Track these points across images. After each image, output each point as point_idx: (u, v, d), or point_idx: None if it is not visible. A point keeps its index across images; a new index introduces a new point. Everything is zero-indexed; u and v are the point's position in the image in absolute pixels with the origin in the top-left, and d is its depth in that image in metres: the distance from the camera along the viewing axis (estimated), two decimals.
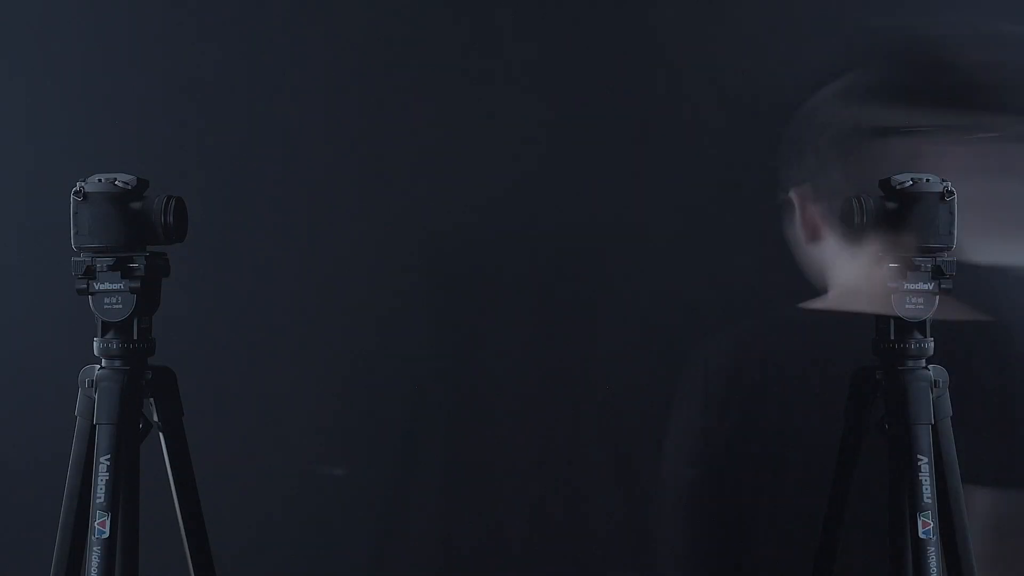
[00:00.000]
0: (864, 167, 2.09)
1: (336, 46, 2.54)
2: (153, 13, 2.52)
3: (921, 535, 1.86)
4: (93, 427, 1.89)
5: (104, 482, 1.85)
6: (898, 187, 1.91)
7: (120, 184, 1.88)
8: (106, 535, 1.83)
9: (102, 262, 1.89)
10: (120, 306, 1.89)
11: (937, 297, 1.92)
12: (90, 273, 1.89)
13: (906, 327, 1.94)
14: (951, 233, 1.91)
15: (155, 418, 1.96)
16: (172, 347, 2.02)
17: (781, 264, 2.53)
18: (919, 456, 1.88)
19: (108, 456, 1.86)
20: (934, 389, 1.93)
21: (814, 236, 2.27)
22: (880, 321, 1.97)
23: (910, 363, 1.94)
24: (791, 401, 2.52)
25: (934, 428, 1.92)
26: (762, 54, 2.54)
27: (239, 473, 2.53)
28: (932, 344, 1.95)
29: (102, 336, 1.93)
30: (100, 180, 1.89)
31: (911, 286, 1.91)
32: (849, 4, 2.55)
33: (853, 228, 1.94)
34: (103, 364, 1.93)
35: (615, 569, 2.55)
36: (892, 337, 1.95)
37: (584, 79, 2.55)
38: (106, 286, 1.89)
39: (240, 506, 2.52)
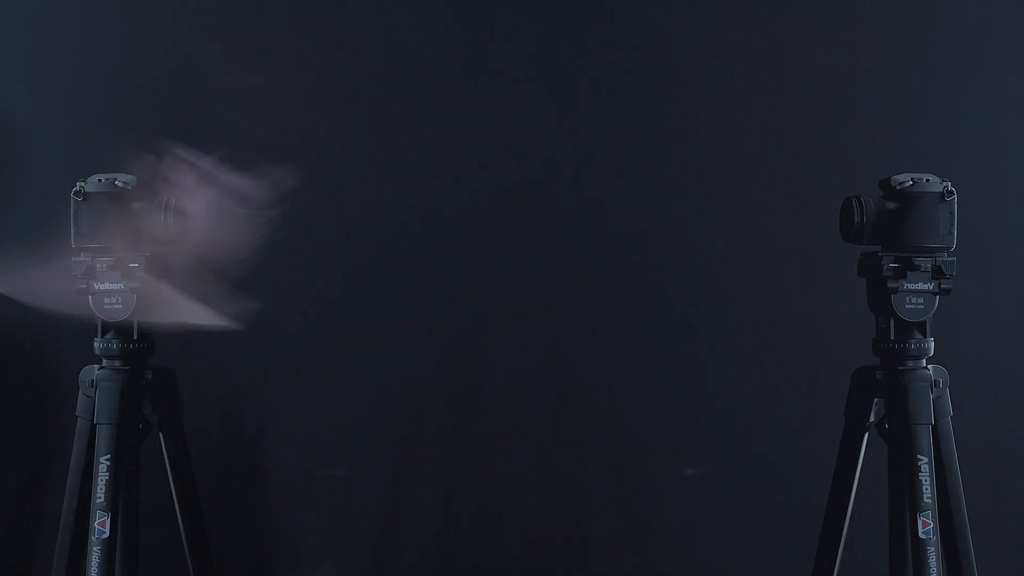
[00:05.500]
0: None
1: (337, 47, 2.54)
2: (154, 13, 2.52)
3: (921, 535, 1.86)
4: (93, 427, 1.89)
5: (104, 482, 1.85)
6: (898, 187, 1.91)
7: (120, 184, 1.89)
8: (106, 535, 1.84)
9: (102, 262, 1.89)
10: (120, 306, 1.89)
11: (937, 297, 1.92)
12: (90, 273, 1.89)
13: (906, 327, 1.94)
14: (951, 233, 1.91)
15: (155, 418, 1.96)
16: (172, 347, 2.03)
17: (781, 264, 2.53)
18: (919, 456, 1.88)
19: (108, 456, 1.86)
20: (934, 389, 1.93)
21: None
22: (880, 321, 1.97)
23: (910, 363, 1.95)
24: (791, 400, 2.52)
25: (934, 428, 1.92)
26: (762, 54, 2.54)
27: (239, 473, 2.53)
28: (932, 344, 1.95)
29: (102, 336, 1.93)
30: (100, 180, 1.89)
31: (911, 286, 1.91)
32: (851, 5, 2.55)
33: (853, 227, 1.94)
34: (103, 364, 1.93)
35: (615, 568, 2.55)
36: (892, 337, 1.95)
37: (585, 81, 2.55)
38: (106, 286, 1.89)
39: (240, 506, 2.52)
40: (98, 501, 1.85)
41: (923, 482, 1.87)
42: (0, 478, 2.50)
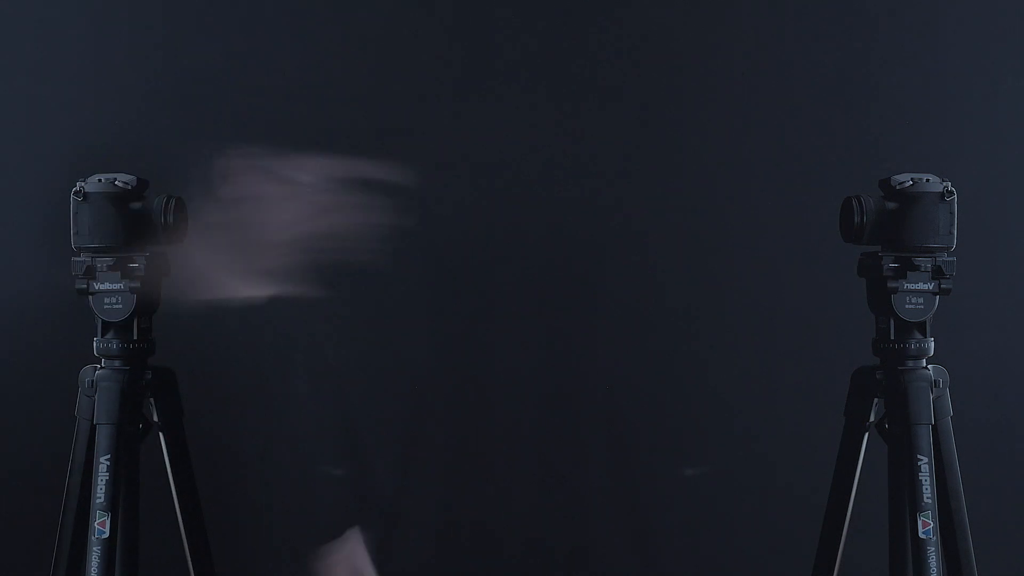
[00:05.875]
0: None
1: (336, 47, 2.54)
2: (153, 13, 2.52)
3: (921, 535, 1.86)
4: (93, 427, 1.89)
5: (104, 482, 1.85)
6: (898, 187, 1.91)
7: (120, 184, 1.89)
8: (106, 535, 1.84)
9: (102, 262, 1.89)
10: (120, 306, 1.89)
11: (937, 297, 1.92)
12: (90, 273, 1.89)
13: (906, 327, 1.94)
14: (951, 233, 1.91)
15: (155, 418, 1.96)
16: (172, 347, 2.03)
17: (781, 264, 2.53)
18: (919, 456, 1.88)
19: (108, 456, 1.86)
20: (934, 389, 1.93)
21: None
22: (880, 321, 1.97)
23: (910, 363, 1.94)
24: (791, 400, 2.52)
25: (934, 428, 1.91)
26: (762, 54, 2.54)
27: (239, 473, 2.53)
28: (932, 344, 1.95)
29: (102, 336, 1.93)
30: (100, 180, 1.89)
31: (911, 286, 1.91)
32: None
33: (853, 227, 1.94)
34: (103, 364, 1.93)
35: (615, 568, 2.55)
36: (892, 337, 1.95)
37: (584, 80, 2.55)
38: (106, 286, 1.89)
39: (240, 506, 2.52)
40: (98, 501, 1.84)
41: (923, 482, 1.87)
42: (0, 478, 2.50)
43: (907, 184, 1.91)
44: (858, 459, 1.98)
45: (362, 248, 2.50)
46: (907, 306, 1.92)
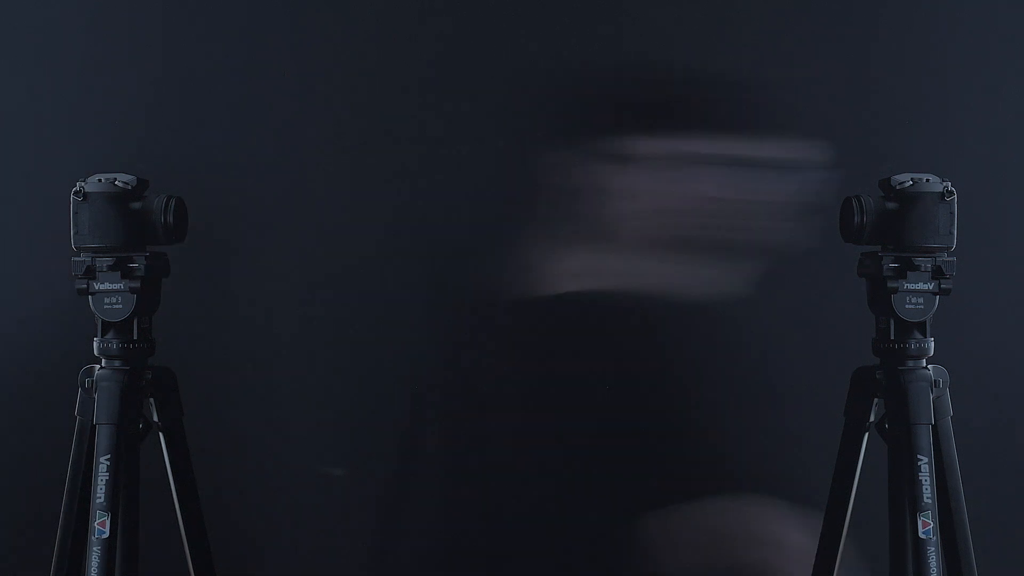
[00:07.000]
0: None
1: (336, 46, 2.54)
2: (153, 13, 2.52)
3: (921, 535, 1.86)
4: (93, 427, 1.89)
5: (104, 482, 1.85)
6: (898, 187, 1.92)
7: (120, 184, 1.89)
8: (106, 535, 1.84)
9: (102, 262, 1.89)
10: (120, 306, 1.90)
11: (937, 297, 1.92)
12: (90, 273, 1.89)
13: (906, 327, 1.94)
14: (951, 233, 1.91)
15: (155, 418, 1.97)
16: (172, 347, 2.03)
17: (780, 265, 2.53)
18: (919, 456, 1.88)
19: (108, 456, 1.86)
20: (934, 389, 1.93)
21: None
22: (880, 321, 1.97)
23: (910, 363, 1.95)
24: (791, 400, 2.52)
25: (934, 428, 1.92)
26: (762, 54, 2.54)
27: (239, 473, 2.53)
28: (932, 344, 1.95)
29: (102, 336, 1.93)
30: (100, 180, 1.89)
31: (911, 286, 1.91)
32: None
33: (853, 227, 1.94)
34: (103, 364, 1.93)
35: (616, 568, 2.55)
36: (892, 337, 1.95)
37: (581, 78, 2.55)
38: (106, 286, 1.89)
39: (240, 506, 2.52)
40: (98, 501, 1.85)
41: (923, 482, 1.87)
42: (0, 478, 2.50)
43: (907, 184, 1.92)
44: (858, 459, 1.98)
45: (361, 247, 2.50)
46: (907, 306, 1.92)
